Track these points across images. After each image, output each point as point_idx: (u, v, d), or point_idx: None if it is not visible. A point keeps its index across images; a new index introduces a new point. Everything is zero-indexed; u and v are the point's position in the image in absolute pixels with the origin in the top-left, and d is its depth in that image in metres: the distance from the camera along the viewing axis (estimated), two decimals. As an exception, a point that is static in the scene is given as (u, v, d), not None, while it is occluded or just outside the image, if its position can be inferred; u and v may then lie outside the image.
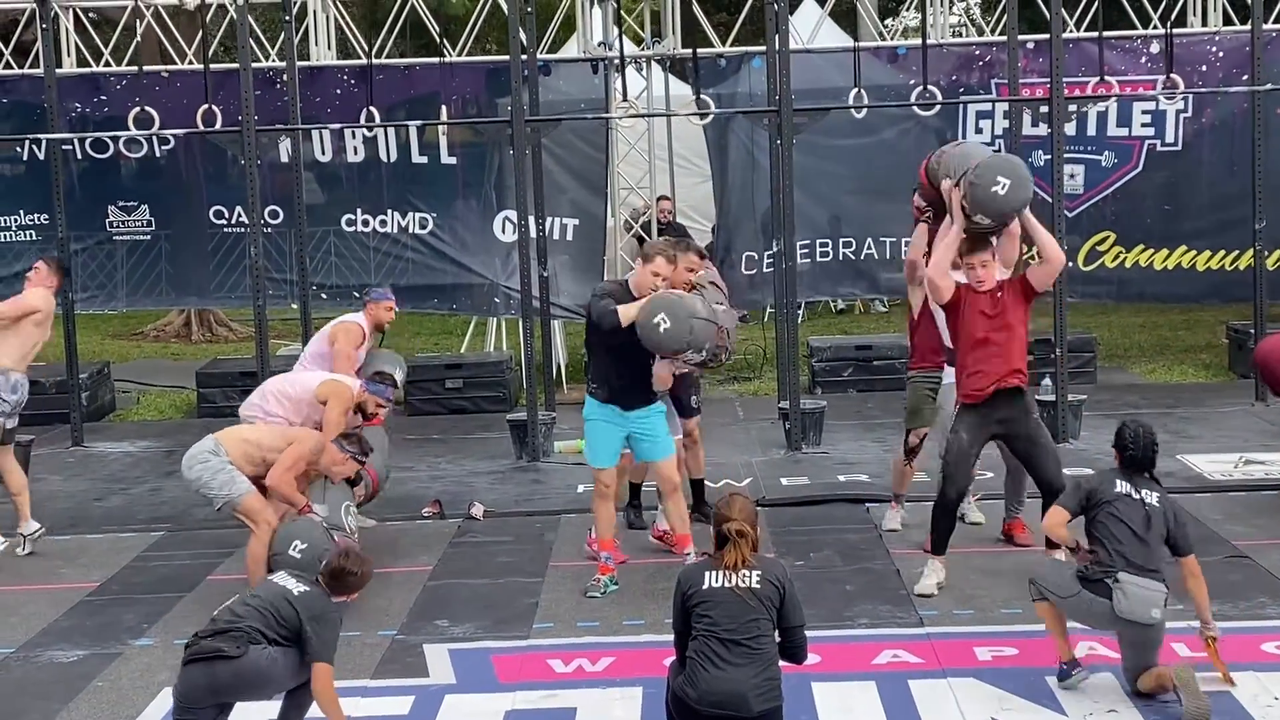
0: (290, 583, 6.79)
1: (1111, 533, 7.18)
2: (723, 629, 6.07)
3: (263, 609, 6.64)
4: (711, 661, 6.05)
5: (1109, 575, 7.11)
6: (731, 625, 6.08)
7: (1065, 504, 7.39)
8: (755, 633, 6.09)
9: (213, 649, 6.48)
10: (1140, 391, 15.60)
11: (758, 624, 6.10)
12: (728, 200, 16.58)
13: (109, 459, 13.88)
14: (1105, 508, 7.24)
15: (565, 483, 12.23)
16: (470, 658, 8.18)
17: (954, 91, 15.40)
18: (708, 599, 6.13)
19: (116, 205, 16.31)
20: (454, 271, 16.34)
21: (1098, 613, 7.19)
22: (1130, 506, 7.22)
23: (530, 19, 14.05)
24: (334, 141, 16.08)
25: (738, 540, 6.15)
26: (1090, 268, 16.08)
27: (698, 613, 6.13)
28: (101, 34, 17.33)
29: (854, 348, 16.38)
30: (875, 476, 11.89)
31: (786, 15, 13.36)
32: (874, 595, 8.97)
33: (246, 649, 6.50)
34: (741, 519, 6.21)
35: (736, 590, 6.11)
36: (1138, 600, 7.05)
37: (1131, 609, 7.05)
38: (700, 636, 6.11)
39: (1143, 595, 7.06)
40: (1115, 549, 7.15)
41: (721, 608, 6.11)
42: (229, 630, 6.54)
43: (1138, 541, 7.15)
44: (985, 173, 8.63)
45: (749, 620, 6.09)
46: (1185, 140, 15.88)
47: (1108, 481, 7.34)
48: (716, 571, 6.17)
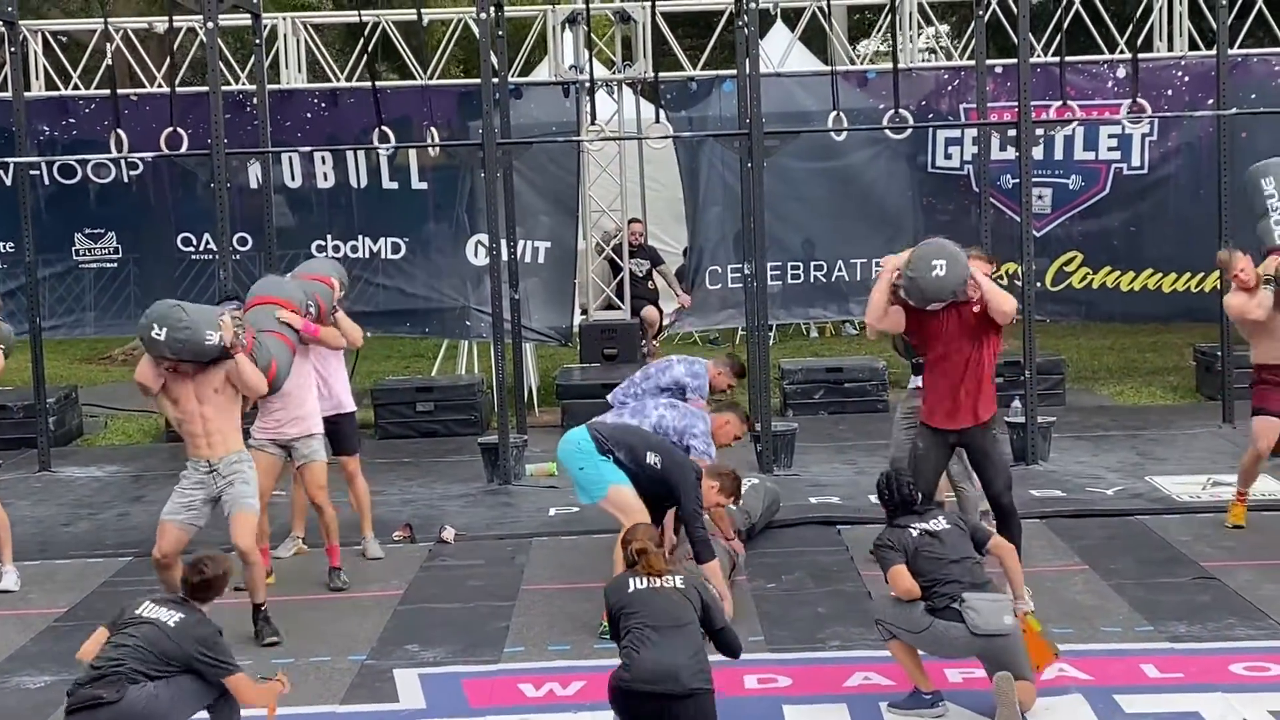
0: (161, 613, 6.76)
1: (933, 568, 7.29)
2: (653, 619, 6.47)
3: (140, 648, 6.63)
4: (645, 644, 6.42)
5: (954, 600, 7.19)
6: (661, 614, 6.48)
7: (895, 560, 7.37)
8: (685, 620, 6.51)
9: (90, 697, 6.52)
10: (1109, 413, 15.66)
11: (685, 615, 6.53)
12: (699, 223, 16.63)
13: (76, 484, 13.80)
14: (915, 554, 7.35)
15: (536, 506, 12.21)
16: (441, 682, 8.15)
17: (923, 116, 15.50)
18: (633, 600, 6.58)
19: (83, 233, 16.27)
20: (425, 296, 16.35)
21: (954, 638, 7.23)
22: (929, 540, 7.38)
23: (501, 42, 14.07)
24: (304, 167, 16.06)
25: (642, 557, 6.64)
26: (1058, 288, 16.17)
27: (625, 613, 6.53)
28: (70, 57, 17.28)
29: (825, 370, 16.41)
30: (847, 498, 11.92)
31: (757, 39, 13.42)
32: (845, 617, 8.98)
33: (125, 690, 6.54)
34: (643, 540, 6.72)
35: (660, 590, 6.56)
36: (989, 612, 7.14)
37: (986, 622, 7.13)
38: (632, 630, 6.48)
39: (992, 607, 7.17)
40: (946, 578, 7.25)
41: (650, 604, 6.55)
42: (106, 675, 6.56)
43: (954, 564, 7.29)
44: (919, 263, 8.75)
45: (678, 610, 6.51)
46: (1151, 164, 16.00)
47: (899, 534, 7.47)
48: (639, 578, 6.63)
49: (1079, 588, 9.43)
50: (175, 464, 14.42)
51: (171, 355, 8.76)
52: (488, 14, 13.12)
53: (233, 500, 8.85)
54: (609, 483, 8.85)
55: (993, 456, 9.05)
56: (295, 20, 16.97)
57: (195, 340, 8.70)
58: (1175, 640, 8.36)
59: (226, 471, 8.86)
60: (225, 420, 8.92)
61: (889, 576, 7.40)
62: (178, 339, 8.69)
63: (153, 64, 16.69)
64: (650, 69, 15.50)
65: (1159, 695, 7.53)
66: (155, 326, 8.72)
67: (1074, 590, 9.37)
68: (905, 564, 7.33)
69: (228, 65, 16.01)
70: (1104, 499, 11.74)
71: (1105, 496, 11.84)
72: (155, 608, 6.81)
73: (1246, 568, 9.62)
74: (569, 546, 10.72)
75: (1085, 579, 9.60)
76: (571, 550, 10.67)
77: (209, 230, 15.61)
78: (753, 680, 7.89)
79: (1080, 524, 10.98)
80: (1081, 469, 12.82)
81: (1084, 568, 9.80)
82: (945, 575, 7.25)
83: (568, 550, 10.63)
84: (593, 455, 8.90)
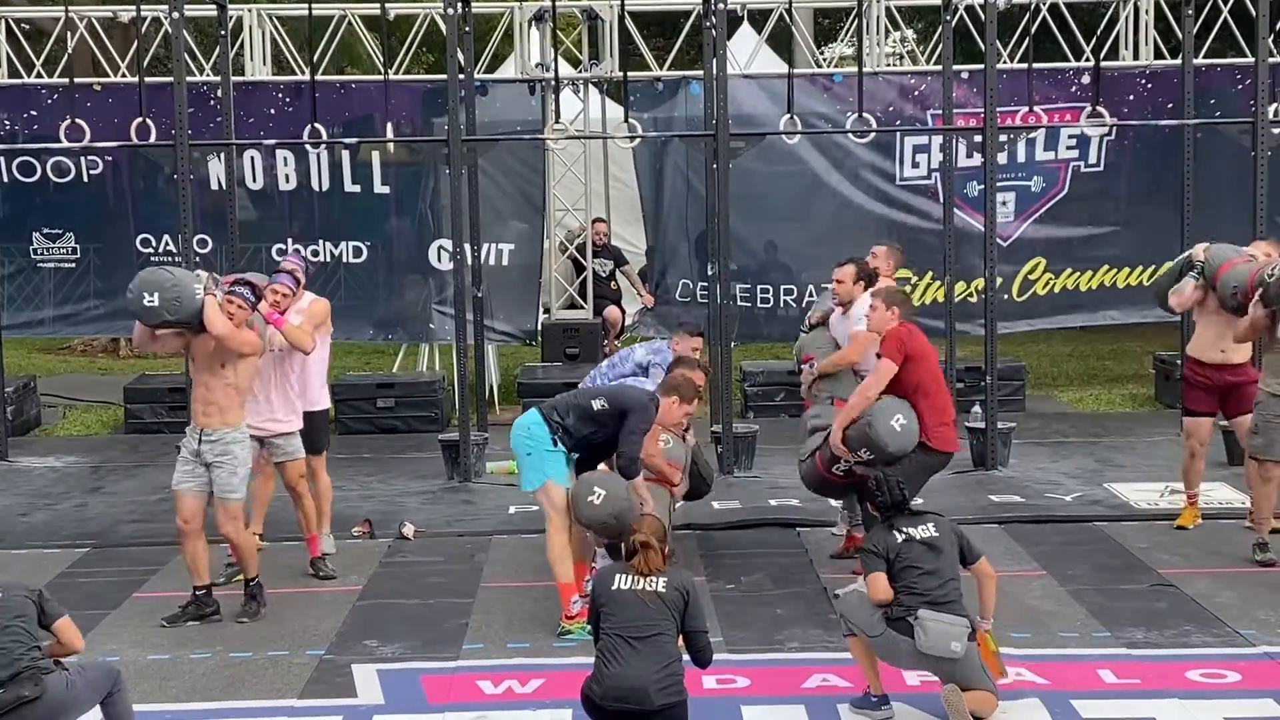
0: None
1: (908, 576, 7.32)
2: (625, 629, 6.42)
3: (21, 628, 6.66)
4: (614, 658, 6.38)
5: (909, 614, 7.23)
6: (633, 625, 6.43)
7: (876, 568, 7.39)
8: (656, 632, 6.43)
9: (13, 699, 6.52)
10: (1068, 420, 15.73)
11: (659, 624, 6.45)
12: (662, 225, 16.65)
13: (34, 474, 13.71)
14: (898, 560, 7.37)
15: (496, 504, 12.19)
16: (399, 678, 8.13)
17: (889, 122, 15.54)
18: (613, 599, 6.52)
19: (41, 232, 16.18)
20: (387, 301, 16.33)
21: (903, 651, 7.28)
22: (912, 548, 7.37)
23: (468, 38, 14.03)
24: (265, 169, 15.98)
25: (643, 550, 6.54)
26: (1023, 298, 16.25)
27: (604, 612, 6.51)
28: (34, 45, 17.16)
29: (787, 372, 16.35)
30: (806, 500, 11.91)
31: (724, 40, 13.42)
32: (804, 619, 9.00)
33: (43, 683, 6.57)
34: (649, 533, 6.64)
35: (641, 594, 6.48)
36: (937, 635, 7.15)
37: (932, 644, 7.15)
38: (605, 635, 6.47)
39: (942, 630, 7.16)
40: (911, 590, 7.28)
41: (626, 609, 6.47)
42: (16, 673, 6.55)
43: (927, 576, 7.30)
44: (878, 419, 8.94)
45: (650, 621, 6.44)
46: (1107, 162, 16.11)
47: (884, 537, 7.48)
48: (626, 575, 6.56)
49: (1037, 593, 9.47)
50: (135, 455, 14.50)
51: (171, 318, 8.80)
52: (454, 9, 13.08)
53: (218, 490, 9.00)
54: (547, 476, 8.90)
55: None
56: (261, 12, 16.89)
57: (187, 297, 8.76)
58: (1132, 646, 8.41)
59: (215, 451, 8.96)
60: (222, 393, 9.00)
61: (867, 581, 7.43)
62: (170, 299, 8.73)
63: (117, 54, 16.58)
64: (617, 68, 15.49)
65: (1116, 701, 7.58)
66: (146, 295, 8.77)
67: (1032, 595, 9.41)
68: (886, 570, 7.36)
69: (191, 56, 15.91)
70: (1063, 505, 11.79)
71: (1064, 503, 11.89)
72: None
73: (1203, 575, 9.68)
74: (529, 545, 10.69)
75: (1043, 585, 9.64)
76: (531, 549, 10.63)
77: (169, 231, 15.57)
78: (711, 681, 7.89)
79: (1039, 530, 11.02)
80: (1041, 475, 12.88)
81: (1042, 573, 9.85)
82: (911, 586, 7.27)
83: (528, 548, 10.60)
84: (541, 443, 8.92)
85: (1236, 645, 8.42)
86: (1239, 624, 8.73)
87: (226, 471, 8.96)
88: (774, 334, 17.09)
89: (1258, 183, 13.25)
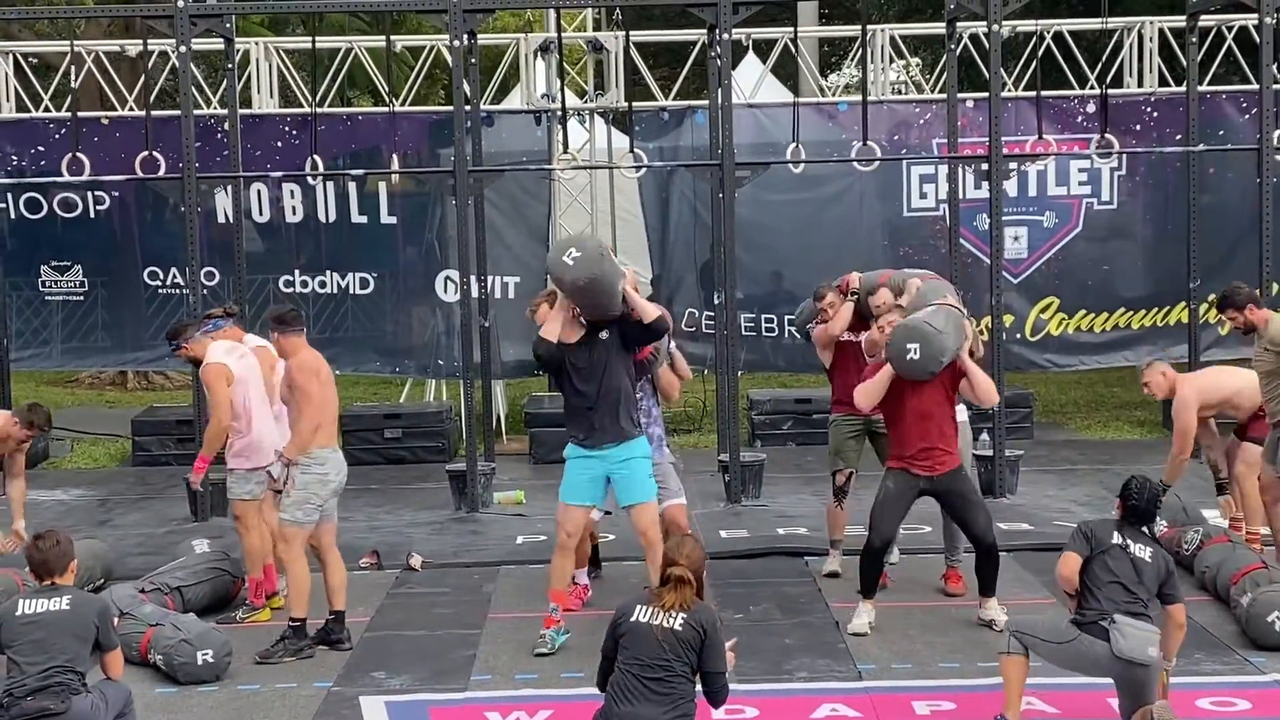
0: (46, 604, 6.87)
1: (1101, 579, 7.28)
2: (638, 664, 6.34)
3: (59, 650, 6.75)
4: (627, 696, 6.32)
5: (1104, 618, 7.18)
6: (646, 662, 6.34)
7: (1075, 549, 7.41)
8: (666, 673, 6.35)
9: (38, 709, 6.62)
10: (1077, 447, 15.70)
11: (670, 665, 6.35)
12: (669, 254, 16.66)
13: (42, 507, 13.69)
14: (1100, 556, 7.34)
15: (504, 534, 12.18)
16: (407, 710, 8.11)
17: (895, 151, 15.56)
18: (631, 631, 6.43)
19: (49, 265, 16.23)
20: (394, 333, 16.35)
21: (1096, 655, 7.22)
22: (1120, 559, 7.33)
23: (474, 70, 14.08)
24: (272, 201, 16.02)
25: (678, 584, 6.40)
26: (1036, 338, 16.22)
27: (621, 644, 6.42)
28: (42, 80, 17.22)
29: (793, 401, 16.44)
30: (814, 529, 11.91)
31: (729, 70, 13.46)
32: (813, 648, 8.97)
33: (69, 702, 6.66)
34: (687, 565, 6.45)
35: (656, 629, 6.37)
36: (1135, 640, 7.12)
37: (1131, 648, 7.11)
38: (619, 669, 6.39)
39: (1139, 635, 7.14)
40: (1106, 595, 7.24)
41: (640, 644, 6.39)
42: (47, 686, 6.66)
43: (1123, 589, 7.26)
44: (896, 343, 8.88)
45: (661, 660, 6.34)
46: (1120, 199, 16.10)
47: (1106, 530, 7.45)
48: (647, 607, 6.43)
49: (1046, 621, 9.42)
50: (142, 488, 14.49)
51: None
52: (460, 41, 13.13)
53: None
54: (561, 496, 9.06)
55: (970, 497, 9.16)
56: (268, 45, 16.96)
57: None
58: (1142, 674, 8.36)
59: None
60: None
61: (1061, 557, 7.42)
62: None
63: (124, 87, 16.64)
64: (622, 98, 15.53)
65: (1127, 729, 7.54)
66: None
67: (1041, 623, 9.37)
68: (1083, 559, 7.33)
69: (198, 89, 15.97)
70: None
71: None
72: (33, 603, 6.92)
73: (1213, 603, 9.64)
74: (536, 575, 10.64)
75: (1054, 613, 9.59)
76: (539, 579, 10.56)
77: (176, 264, 15.62)
78: (720, 711, 7.85)
79: (1048, 557, 10.88)
80: (1049, 502, 12.86)
81: (1051, 601, 9.79)
82: (1108, 592, 7.24)
83: (535, 579, 10.56)
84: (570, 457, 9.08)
85: (1247, 673, 8.40)
86: (1250, 653, 8.70)
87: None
88: (780, 363, 17.07)
89: (1264, 210, 13.25)
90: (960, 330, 9.01)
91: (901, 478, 9.09)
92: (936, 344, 8.79)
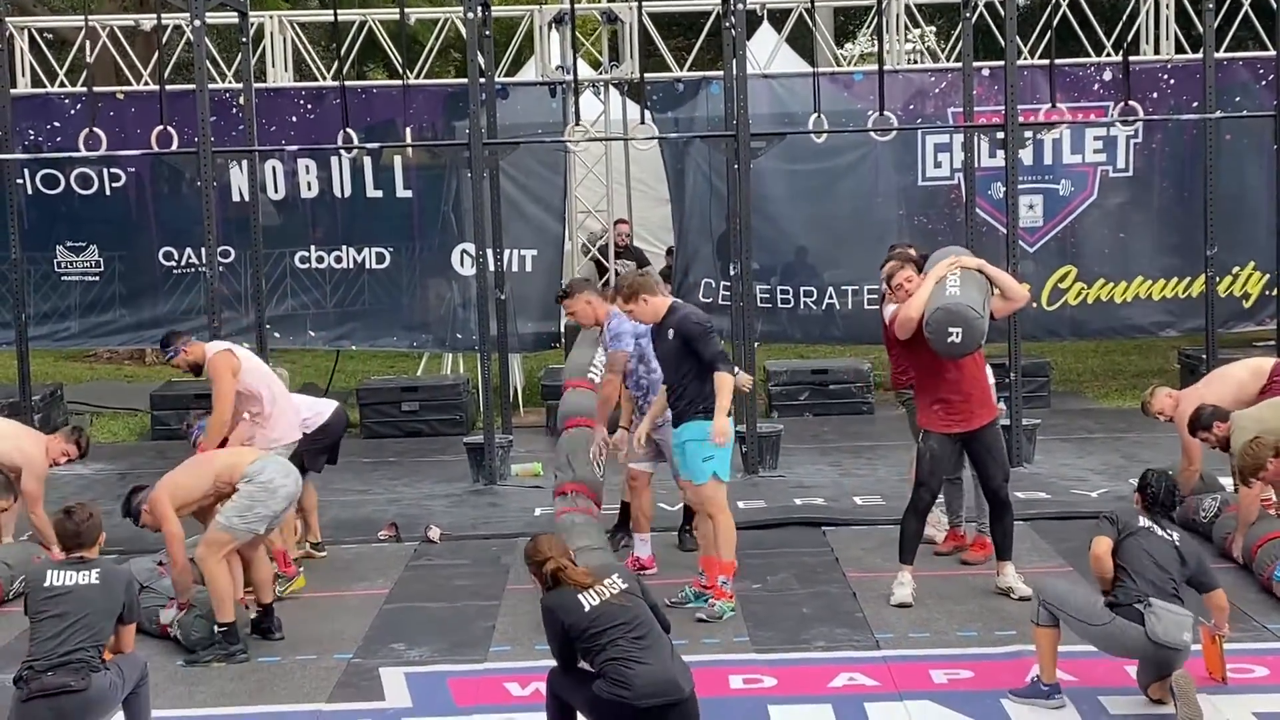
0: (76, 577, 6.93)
1: (1137, 561, 7.33)
2: (626, 634, 6.43)
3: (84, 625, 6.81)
4: (634, 659, 6.38)
5: (1139, 601, 7.22)
6: (632, 625, 6.46)
7: (1105, 533, 7.47)
8: (650, 625, 6.55)
9: (58, 685, 6.65)
10: (1094, 416, 15.69)
11: (645, 618, 6.55)
12: (685, 225, 16.64)
13: (62, 482, 13.71)
14: (1131, 538, 7.40)
15: (522, 506, 12.21)
16: (426, 681, 8.15)
17: (910, 120, 15.51)
18: (599, 617, 6.51)
19: (65, 245, 16.27)
20: (411, 306, 16.37)
21: (1130, 638, 7.25)
22: (1153, 539, 7.40)
23: (489, 42, 14.06)
24: (287, 175, 16.03)
25: (563, 574, 6.63)
26: (1053, 307, 16.18)
27: (594, 631, 6.48)
28: (57, 55, 17.24)
29: (810, 371, 16.44)
30: (831, 500, 11.94)
31: (744, 40, 13.42)
32: (830, 618, 8.99)
33: (89, 680, 6.70)
34: (556, 555, 6.70)
35: (615, 600, 6.53)
36: (1171, 624, 7.17)
37: (1167, 632, 7.15)
38: (610, 646, 6.43)
39: (1175, 619, 7.19)
40: (1142, 576, 7.29)
41: (618, 616, 6.50)
42: (68, 662, 6.71)
43: (1160, 570, 7.31)
44: (937, 328, 8.81)
45: (641, 618, 6.52)
46: (1136, 166, 16.04)
47: (1131, 515, 7.54)
48: (583, 593, 6.56)
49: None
50: (161, 462, 14.48)
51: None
52: (475, 13, 13.11)
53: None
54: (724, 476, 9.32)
55: (994, 451, 9.19)
56: (282, 19, 16.94)
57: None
58: (1160, 642, 8.38)
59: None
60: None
61: (1092, 543, 7.47)
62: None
63: (139, 61, 16.65)
64: (637, 70, 15.50)
65: (1143, 696, 7.54)
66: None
67: (1059, 592, 9.38)
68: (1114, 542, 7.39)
69: (213, 63, 15.97)
70: (1089, 501, 11.77)
71: (1090, 499, 11.87)
72: (62, 574, 6.97)
73: (1231, 570, 9.63)
74: (555, 546, 10.69)
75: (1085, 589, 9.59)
76: (557, 550, 10.66)
77: (192, 241, 15.63)
78: (738, 680, 7.91)
79: (1065, 526, 10.99)
80: (1066, 471, 12.86)
81: (1069, 569, 9.81)
82: (1142, 573, 7.29)
83: (553, 550, 10.59)
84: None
85: (1264, 640, 8.41)
86: (1267, 619, 8.71)
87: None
88: (796, 334, 17.07)
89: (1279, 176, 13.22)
90: (985, 290, 9.00)
91: (942, 440, 9.12)
92: (979, 328, 8.80)
